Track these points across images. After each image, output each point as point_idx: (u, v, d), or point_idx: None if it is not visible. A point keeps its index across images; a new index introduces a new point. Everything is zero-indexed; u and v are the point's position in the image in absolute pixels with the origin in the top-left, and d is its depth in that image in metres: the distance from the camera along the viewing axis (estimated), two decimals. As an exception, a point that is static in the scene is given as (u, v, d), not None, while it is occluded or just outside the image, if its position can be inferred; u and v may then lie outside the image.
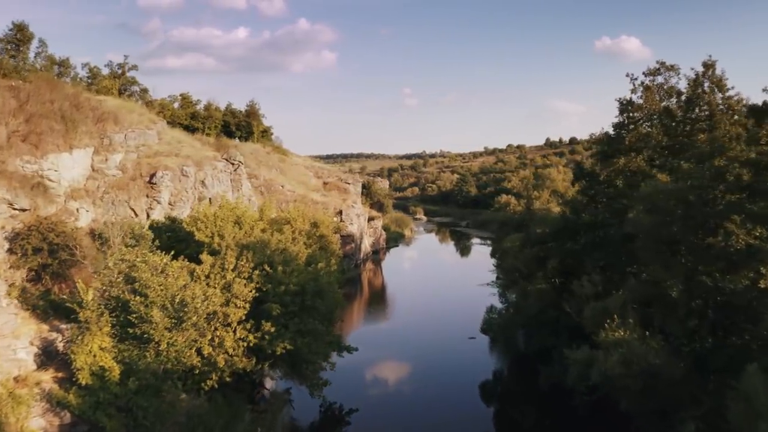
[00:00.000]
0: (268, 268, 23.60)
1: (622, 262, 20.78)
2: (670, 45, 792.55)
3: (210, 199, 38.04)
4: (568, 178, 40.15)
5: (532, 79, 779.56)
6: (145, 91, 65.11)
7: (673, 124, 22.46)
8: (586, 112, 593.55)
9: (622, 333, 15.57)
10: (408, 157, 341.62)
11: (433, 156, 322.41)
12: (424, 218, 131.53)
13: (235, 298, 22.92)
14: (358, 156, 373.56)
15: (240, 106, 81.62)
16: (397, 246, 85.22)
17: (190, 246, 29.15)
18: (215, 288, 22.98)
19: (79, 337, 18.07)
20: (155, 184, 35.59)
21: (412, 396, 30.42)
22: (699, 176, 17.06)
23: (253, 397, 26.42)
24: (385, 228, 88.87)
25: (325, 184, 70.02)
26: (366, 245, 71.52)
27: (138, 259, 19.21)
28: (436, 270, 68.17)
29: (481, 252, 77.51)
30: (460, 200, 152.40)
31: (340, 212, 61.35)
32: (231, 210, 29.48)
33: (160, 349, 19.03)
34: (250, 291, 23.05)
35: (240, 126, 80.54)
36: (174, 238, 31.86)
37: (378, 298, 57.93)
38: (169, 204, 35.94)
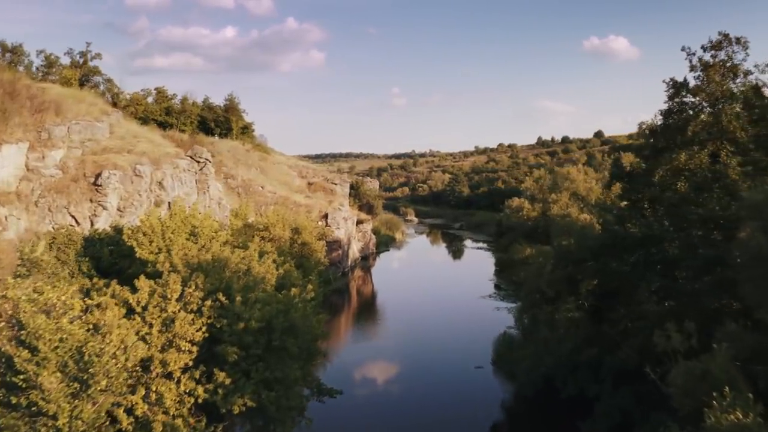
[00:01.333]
0: (222, 298, 17.94)
1: (698, 292, 15.54)
2: (659, 45, 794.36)
3: (169, 203, 32.27)
4: (590, 179, 34.98)
5: (521, 79, 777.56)
6: (109, 81, 59.02)
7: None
8: (575, 112, 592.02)
9: (740, 415, 10.19)
10: (397, 156, 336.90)
11: (422, 155, 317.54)
12: (416, 220, 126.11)
13: (179, 339, 17.27)
14: (347, 156, 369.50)
15: (222, 102, 75.65)
16: (388, 250, 79.69)
17: (134, 264, 23.47)
18: (152, 325, 17.33)
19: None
20: (101, 186, 29.75)
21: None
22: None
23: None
24: (375, 231, 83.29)
25: (309, 184, 64.32)
26: (354, 251, 65.91)
27: (24, 297, 13.46)
28: (430, 277, 62.69)
29: (478, 257, 72.22)
30: (452, 201, 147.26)
31: (326, 216, 55.71)
32: (184, 219, 23.74)
33: (58, 424, 13.32)
34: (199, 329, 17.44)
35: (218, 122, 74.68)
36: (118, 253, 26.12)
37: (368, 311, 52.36)
38: (118, 210, 30.15)
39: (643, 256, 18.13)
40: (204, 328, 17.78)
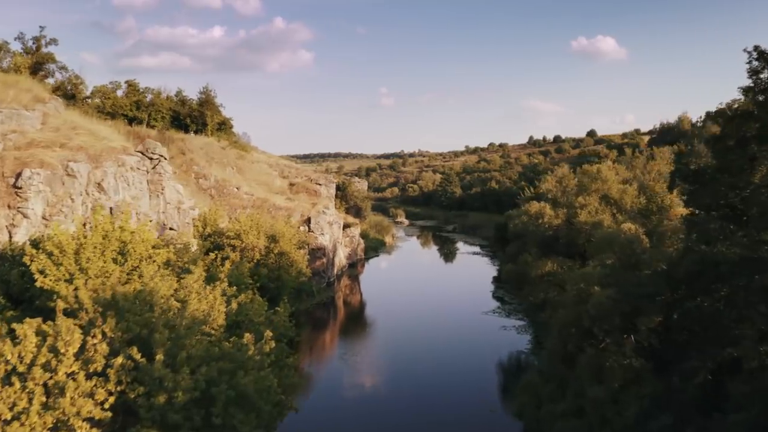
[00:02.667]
0: (138, 355, 12.23)
1: None
2: (647, 45, 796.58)
3: (111, 208, 26.37)
4: (620, 179, 29.48)
5: (509, 79, 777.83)
6: (64, 69, 52.80)
7: None
8: (563, 112, 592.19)
9: None
10: (386, 156, 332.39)
11: (412, 155, 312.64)
12: (406, 222, 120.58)
13: (74, 419, 11.60)
14: (336, 156, 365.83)
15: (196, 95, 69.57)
16: (378, 256, 74.07)
17: (44, 293, 17.73)
18: (33, 397, 11.68)
19: None
20: (21, 188, 23.81)
21: None
22: None
23: None
24: (364, 235, 77.61)
25: (291, 185, 58.51)
26: (341, 257, 60.19)
27: None
28: (424, 286, 57.10)
29: (475, 264, 66.80)
30: (444, 201, 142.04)
31: (308, 220, 49.97)
32: (110, 233, 17.94)
33: None
34: (103, 401, 11.80)
35: (193, 117, 68.63)
36: (30, 276, 20.29)
37: (355, 326, 46.68)
38: (44, 218, 24.22)
39: (743, 287, 12.84)
40: (111, 400, 12.09)
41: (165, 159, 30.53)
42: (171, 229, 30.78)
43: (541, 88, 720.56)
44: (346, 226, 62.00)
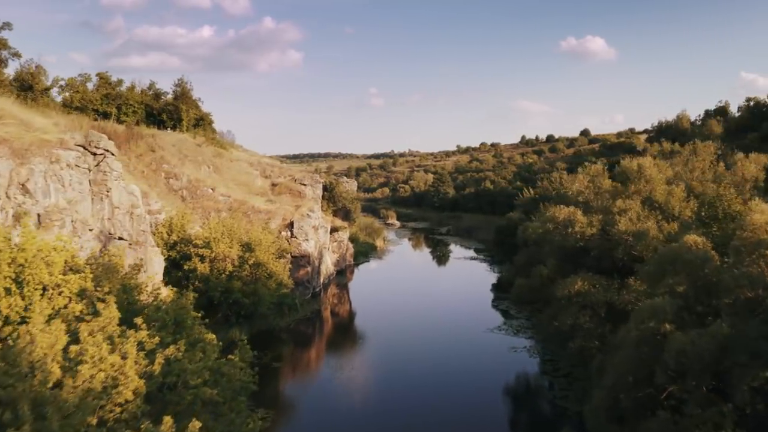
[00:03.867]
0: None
1: None
2: (635, 45, 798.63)
3: (39, 215, 21.30)
4: (665, 177, 24.43)
5: (498, 79, 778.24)
6: (17, 55, 47.33)
7: None
8: (552, 113, 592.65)
9: None
10: (376, 156, 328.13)
11: (402, 155, 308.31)
12: (398, 223, 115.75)
13: None
14: (326, 156, 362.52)
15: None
16: (368, 261, 69.20)
17: None
18: None
19: None
20: None
21: None
22: None
23: None
24: (353, 238, 72.69)
25: (273, 185, 53.50)
26: (328, 264, 55.26)
27: None
28: (419, 296, 52.30)
29: (473, 271, 62.10)
30: (436, 202, 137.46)
31: (291, 224, 45.01)
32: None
33: None
34: None
35: (168, 112, 63.45)
36: None
37: (344, 342, 41.79)
38: (-56, 227, 19.07)
39: None
40: None
41: (112, 154, 25.44)
42: (120, 239, 25.75)
43: (530, 89, 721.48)
44: (333, 229, 57.10)
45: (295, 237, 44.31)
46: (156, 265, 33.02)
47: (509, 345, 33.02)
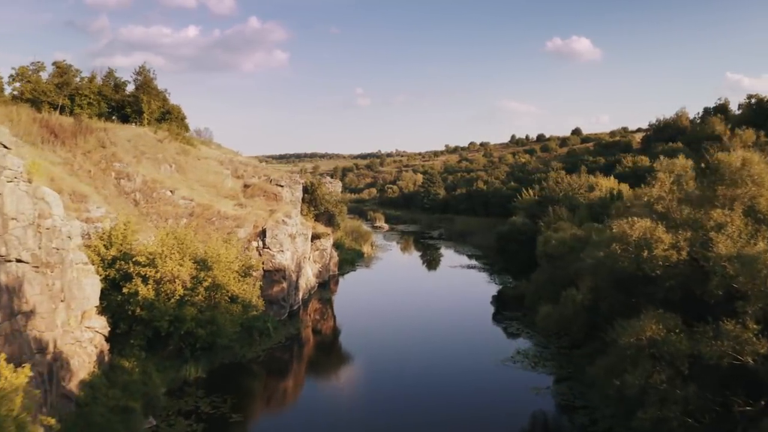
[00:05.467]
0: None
1: None
2: (621, 46, 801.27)
3: None
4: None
5: (484, 79, 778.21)
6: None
7: None
8: (539, 113, 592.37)
9: None
10: (363, 156, 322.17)
11: (390, 155, 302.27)
12: (386, 226, 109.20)
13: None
14: (312, 156, 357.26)
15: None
16: (355, 270, 62.63)
17: None
18: None
19: None
20: None
21: None
22: None
23: None
24: (338, 244, 66.08)
25: (246, 187, 46.72)
26: (308, 276, 48.60)
27: None
28: (413, 309, 45.87)
29: (473, 282, 55.72)
30: (426, 204, 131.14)
31: (263, 232, 38.28)
32: None
33: None
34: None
35: (128, 104, 56.63)
36: None
37: (327, 368, 35.13)
38: None
39: None
40: None
41: (6, 147, 18.64)
42: (18, 260, 18.94)
43: (516, 89, 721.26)
44: (315, 236, 50.44)
45: (268, 248, 37.60)
46: (87, 289, 26.21)
47: (528, 383, 26.62)
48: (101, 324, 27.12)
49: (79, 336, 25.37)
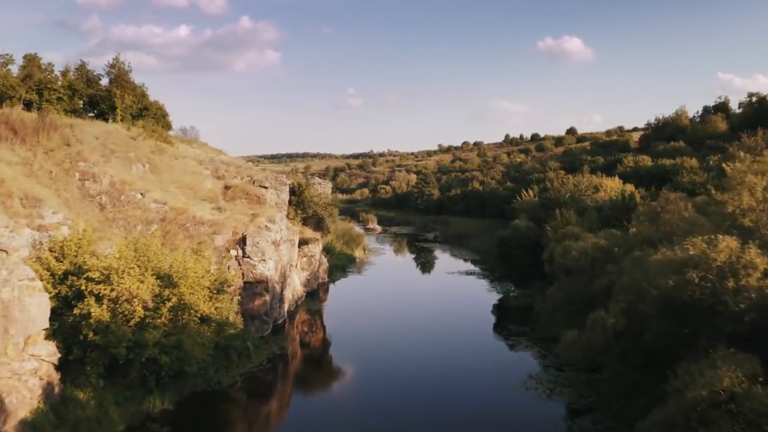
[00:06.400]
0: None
1: None
2: (613, 46, 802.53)
3: None
4: None
5: (476, 79, 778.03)
6: None
7: None
8: (531, 113, 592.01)
9: None
10: (355, 156, 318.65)
11: (382, 155, 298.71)
12: (379, 228, 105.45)
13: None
14: (304, 156, 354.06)
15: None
16: (346, 276, 58.89)
17: None
18: None
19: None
20: None
21: None
22: None
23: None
24: (328, 249, 62.32)
25: (227, 188, 42.87)
26: (295, 286, 44.87)
27: None
28: (411, 321, 42.29)
29: (474, 291, 52.11)
30: (420, 205, 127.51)
31: (243, 240, 34.47)
32: None
33: None
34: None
35: (100, 98, 52.69)
36: None
37: (315, 389, 31.56)
38: None
39: None
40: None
41: None
42: None
43: (509, 89, 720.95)
44: (302, 242, 46.67)
45: (249, 257, 33.80)
46: (33, 309, 22.46)
47: (547, 415, 23.06)
48: (49, 351, 23.25)
49: (18, 368, 21.53)
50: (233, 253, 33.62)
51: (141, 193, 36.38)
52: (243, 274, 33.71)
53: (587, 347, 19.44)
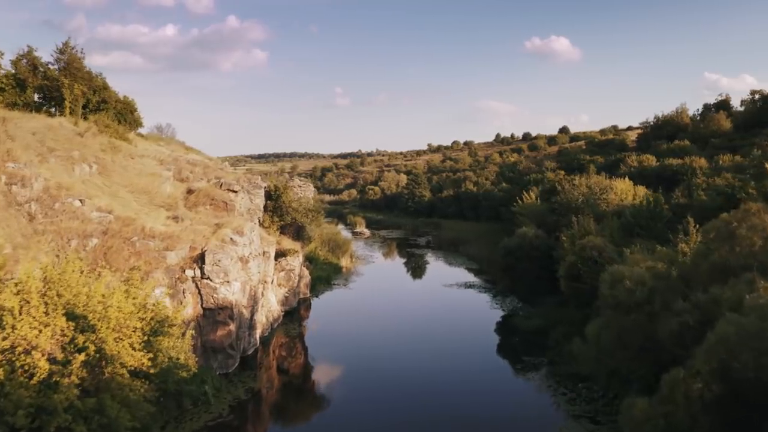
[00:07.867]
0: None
1: None
2: (601, 45, 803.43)
3: None
4: None
5: (464, 79, 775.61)
6: None
7: None
8: (518, 112, 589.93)
9: None
10: (343, 156, 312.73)
11: (371, 154, 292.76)
12: (367, 232, 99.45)
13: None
14: (292, 155, 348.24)
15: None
16: (331, 289, 52.89)
17: None
18: None
19: None
20: None
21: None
22: None
23: None
24: (311, 258, 56.33)
25: (189, 193, 36.72)
26: (271, 305, 38.83)
27: None
28: (406, 344, 36.50)
29: (473, 305, 46.33)
30: (411, 206, 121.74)
31: (202, 256, 28.33)
32: None
33: None
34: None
35: (48, 89, 46.23)
36: None
37: (295, 426, 25.73)
38: None
39: None
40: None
41: None
42: None
43: (496, 89, 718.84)
44: (280, 254, 40.60)
45: (209, 278, 27.68)
46: None
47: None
48: None
49: None
50: (189, 273, 27.50)
51: (80, 200, 30.12)
52: (202, 299, 27.63)
53: (666, 428, 13.70)
